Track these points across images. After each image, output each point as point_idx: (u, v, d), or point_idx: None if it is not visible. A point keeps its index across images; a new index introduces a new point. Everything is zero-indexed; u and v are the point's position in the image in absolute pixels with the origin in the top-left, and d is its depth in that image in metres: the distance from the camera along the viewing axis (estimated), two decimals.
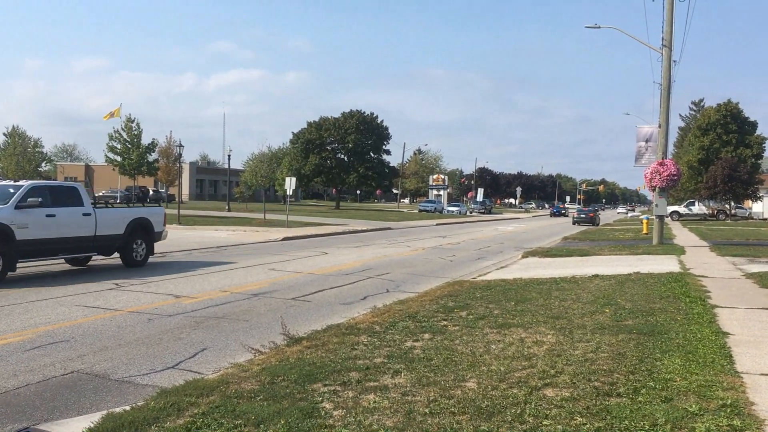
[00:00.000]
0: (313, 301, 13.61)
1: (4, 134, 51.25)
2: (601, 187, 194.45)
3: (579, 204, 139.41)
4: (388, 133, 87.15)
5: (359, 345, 8.74)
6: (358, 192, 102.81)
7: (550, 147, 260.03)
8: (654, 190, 28.10)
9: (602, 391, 6.59)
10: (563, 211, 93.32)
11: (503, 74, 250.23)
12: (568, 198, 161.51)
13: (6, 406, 6.63)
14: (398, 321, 10.44)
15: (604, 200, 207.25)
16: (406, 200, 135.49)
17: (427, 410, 6.03)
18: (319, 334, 9.53)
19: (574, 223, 59.56)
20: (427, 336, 9.34)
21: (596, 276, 16.52)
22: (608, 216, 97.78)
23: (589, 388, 6.68)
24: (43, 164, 62.27)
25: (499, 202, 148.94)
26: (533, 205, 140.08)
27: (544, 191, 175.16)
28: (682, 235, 38.08)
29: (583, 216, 61.65)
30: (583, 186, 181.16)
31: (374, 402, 6.30)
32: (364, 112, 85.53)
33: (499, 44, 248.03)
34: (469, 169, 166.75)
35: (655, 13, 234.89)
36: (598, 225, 58.72)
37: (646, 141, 30.68)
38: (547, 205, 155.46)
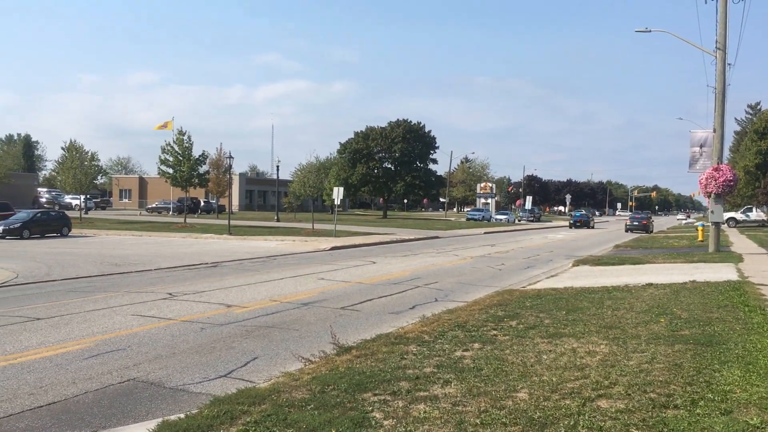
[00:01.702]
0: (362, 310, 13.64)
1: (62, 148, 52.82)
2: (653, 194, 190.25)
3: (630, 211, 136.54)
4: (435, 142, 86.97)
5: (408, 354, 8.72)
6: (405, 201, 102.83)
7: (599, 153, 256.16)
8: (709, 197, 27.35)
9: (658, 402, 6.43)
10: (586, 220, 72.36)
11: (548, 80, 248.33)
12: (619, 205, 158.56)
13: (66, 413, 6.83)
14: (447, 330, 10.39)
15: (656, 207, 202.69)
16: (454, 209, 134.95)
17: (478, 421, 5.97)
18: (369, 343, 9.54)
19: (626, 231, 58.32)
20: (476, 346, 9.27)
21: (650, 285, 16.14)
22: (663, 223, 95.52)
23: (645, 400, 6.52)
24: (99, 177, 64.05)
25: (548, 209, 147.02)
26: (584, 213, 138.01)
27: (594, 198, 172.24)
28: (739, 242, 36.93)
29: (636, 223, 60.20)
30: (635, 192, 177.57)
31: (424, 412, 6.27)
32: (411, 121, 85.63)
33: (544, 50, 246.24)
34: (516, 176, 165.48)
35: (707, 15, 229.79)
36: (651, 232, 57.42)
37: (701, 146, 29.91)
38: (597, 213, 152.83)
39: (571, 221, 72.91)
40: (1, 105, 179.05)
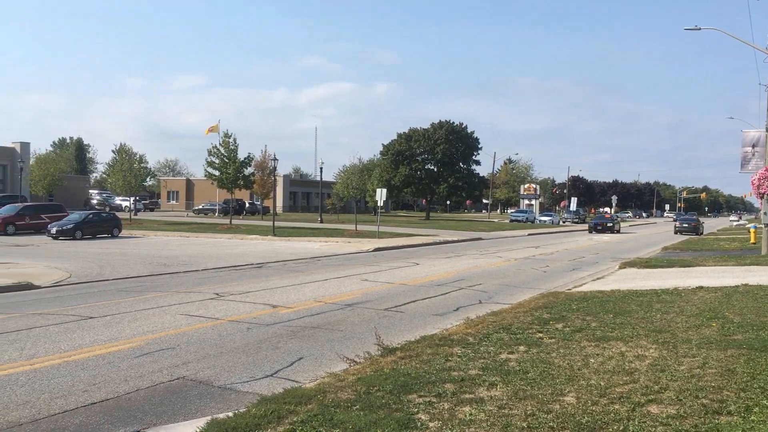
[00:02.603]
0: (406, 311, 13.65)
1: (113, 151, 54.15)
2: (702, 195, 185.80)
3: (678, 212, 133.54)
4: (478, 143, 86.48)
5: (453, 356, 8.70)
6: (448, 202, 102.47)
7: (645, 154, 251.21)
8: (762, 197, 26.60)
9: (711, 408, 6.29)
10: (609, 223, 59.18)
11: (593, 80, 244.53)
12: (667, 206, 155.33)
13: (119, 409, 7.00)
14: (492, 333, 10.33)
15: (706, 208, 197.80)
16: (497, 210, 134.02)
17: (524, 424, 5.93)
18: (413, 344, 9.55)
19: (676, 232, 57.12)
20: (522, 348, 9.19)
21: (700, 288, 15.78)
22: (713, 225, 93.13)
23: (697, 406, 6.38)
24: (148, 179, 65.46)
25: (593, 211, 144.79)
26: (630, 214, 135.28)
27: (641, 199, 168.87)
28: None
29: (686, 225, 58.90)
30: (684, 193, 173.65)
31: (470, 414, 6.25)
32: (454, 123, 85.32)
33: (589, 50, 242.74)
34: (561, 177, 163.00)
35: (760, 12, 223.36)
36: (701, 234, 56.13)
37: (753, 146, 29.13)
38: (644, 214, 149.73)
39: (591, 224, 59.76)
40: (54, 109, 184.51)
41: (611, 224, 59.29)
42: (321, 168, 63.40)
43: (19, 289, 16.24)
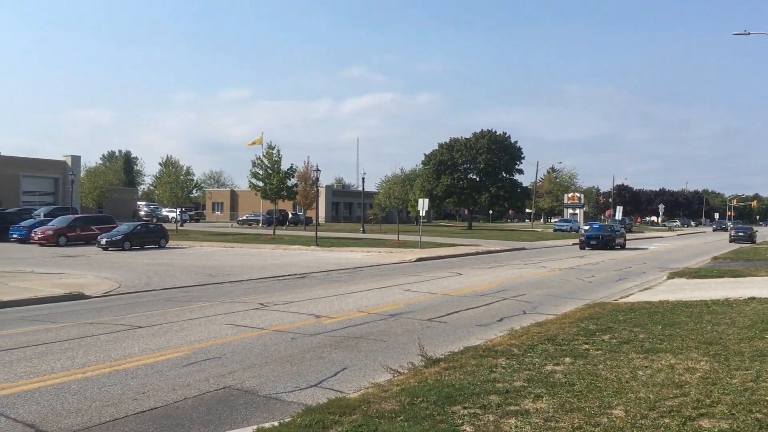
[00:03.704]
0: (449, 322, 13.59)
1: (160, 163, 55.33)
2: (753, 203, 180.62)
3: (721, 220, 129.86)
4: (521, 152, 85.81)
5: (498, 368, 8.63)
6: (491, 212, 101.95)
7: (694, 162, 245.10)
8: None
9: (765, 423, 6.11)
10: (607, 235, 43.34)
11: (640, 87, 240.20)
12: (716, 215, 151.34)
13: (167, 418, 7.13)
14: (537, 344, 10.22)
15: (758, 216, 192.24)
16: (540, 220, 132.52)
17: None
18: (457, 355, 9.51)
19: (731, 241, 55.98)
20: (568, 360, 9.07)
21: (753, 299, 15.34)
22: (765, 233, 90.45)
23: (751, 420, 6.20)
24: (194, 191, 66.63)
25: (639, 220, 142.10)
26: (677, 223, 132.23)
27: (689, 208, 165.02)
28: None
29: (742, 234, 57.83)
30: (734, 202, 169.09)
31: (516, 427, 6.19)
32: (496, 132, 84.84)
33: (636, 56, 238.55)
34: (606, 186, 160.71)
35: None
36: (755, 242, 55.15)
37: None
38: (693, 223, 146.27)
39: (582, 237, 43.15)
40: (105, 123, 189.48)
41: (610, 236, 42.44)
42: (363, 178, 63.83)
43: (71, 299, 16.68)
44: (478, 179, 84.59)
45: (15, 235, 39.72)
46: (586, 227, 48.89)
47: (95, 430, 6.69)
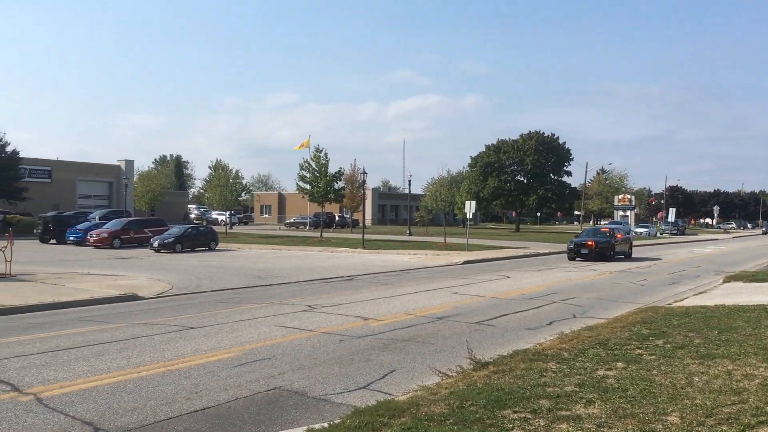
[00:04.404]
0: (497, 325, 13.48)
1: (209, 167, 56.39)
2: None
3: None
4: (569, 154, 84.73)
5: (548, 372, 8.52)
6: (538, 214, 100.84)
7: (751, 162, 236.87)
8: None
9: None
10: (604, 243, 33.27)
11: (693, 85, 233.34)
12: None
13: (219, 417, 7.24)
14: (588, 348, 10.06)
15: None
16: (590, 222, 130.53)
17: None
18: (506, 359, 9.43)
19: None
20: (620, 365, 8.90)
21: None
22: None
23: None
24: (243, 194, 67.68)
25: (693, 222, 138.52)
26: (733, 225, 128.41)
27: (745, 210, 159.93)
28: None
29: None
30: None
31: None
32: (543, 133, 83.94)
33: (688, 53, 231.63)
34: (658, 187, 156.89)
35: None
36: None
37: None
38: (749, 225, 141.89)
39: (571, 244, 33.57)
40: (156, 128, 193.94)
41: (607, 243, 32.87)
42: (409, 181, 63.85)
43: (125, 300, 17.10)
44: (525, 181, 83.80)
45: (72, 238, 40.94)
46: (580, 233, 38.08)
47: (150, 429, 6.84)
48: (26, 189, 55.87)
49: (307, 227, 73.82)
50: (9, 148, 55.80)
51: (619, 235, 35.48)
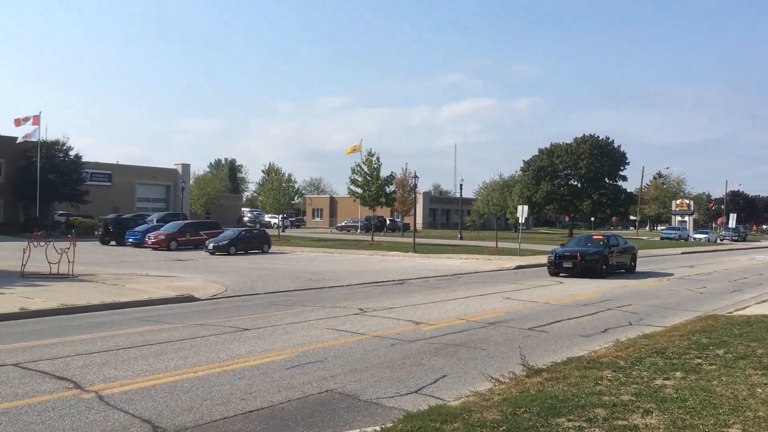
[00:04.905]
0: (550, 331, 13.30)
1: (263, 171, 57.45)
2: None
3: None
4: (625, 157, 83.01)
5: (603, 380, 8.37)
6: (592, 219, 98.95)
7: None
8: None
9: None
10: (593, 255, 26.05)
11: (757, 87, 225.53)
12: None
13: (272, 419, 7.34)
14: (644, 357, 9.84)
15: None
16: (646, 227, 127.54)
17: None
18: (560, 366, 9.30)
19: None
20: (678, 374, 8.68)
21: None
22: None
23: None
24: (295, 197, 68.49)
25: (755, 228, 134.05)
26: None
27: None
28: None
29: None
30: None
31: None
32: (598, 136, 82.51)
33: (748, 55, 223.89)
34: (717, 192, 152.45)
35: None
36: None
37: None
38: None
39: (552, 257, 26.92)
40: (212, 133, 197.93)
41: (597, 256, 26.00)
42: (461, 185, 63.39)
43: (182, 301, 17.50)
44: (579, 185, 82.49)
45: (131, 240, 42.12)
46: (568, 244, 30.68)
47: (206, 428, 6.97)
48: (88, 192, 57.64)
49: (359, 231, 74.19)
50: (72, 153, 57.68)
51: (614, 246, 28.06)
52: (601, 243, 27.71)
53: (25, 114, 52.25)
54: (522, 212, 41.30)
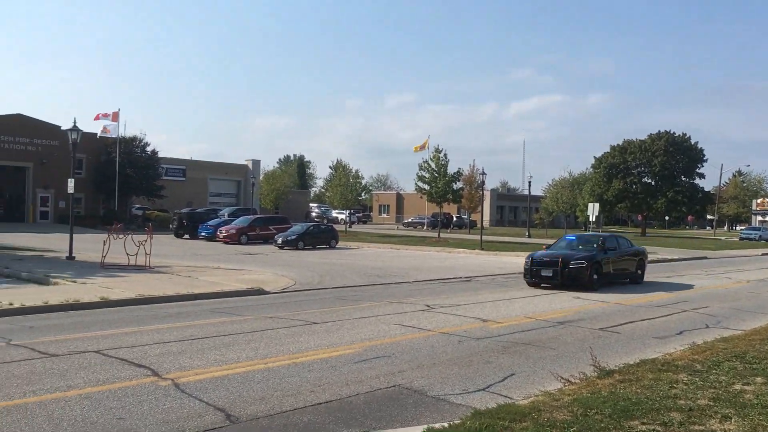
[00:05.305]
0: (623, 332, 12.99)
1: (330, 167, 58.10)
2: None
3: None
4: (702, 154, 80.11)
5: (678, 383, 8.12)
6: (667, 218, 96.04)
7: None
8: None
9: None
10: (577, 262, 20.34)
11: None
12: None
13: (341, 411, 7.44)
14: (723, 360, 9.50)
15: None
16: (724, 227, 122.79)
17: None
18: (632, 368, 9.08)
19: None
20: (759, 380, 8.34)
21: None
22: None
23: None
24: (362, 193, 69.08)
25: None
26: None
27: None
28: None
29: None
30: None
31: None
32: (674, 133, 79.89)
33: None
34: None
35: None
36: None
37: None
38: None
39: (528, 264, 21.33)
40: (282, 129, 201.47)
41: (586, 263, 20.50)
42: (529, 182, 62.61)
43: (252, 294, 17.89)
44: (653, 183, 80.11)
45: (203, 233, 43.29)
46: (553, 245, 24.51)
47: (277, 418, 7.12)
48: (163, 187, 59.57)
49: (425, 227, 74.17)
50: (149, 149, 59.71)
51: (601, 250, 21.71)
52: (595, 245, 22.28)
53: (105, 111, 54.52)
54: (593, 210, 40.55)
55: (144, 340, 11.11)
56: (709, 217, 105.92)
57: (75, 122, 26.15)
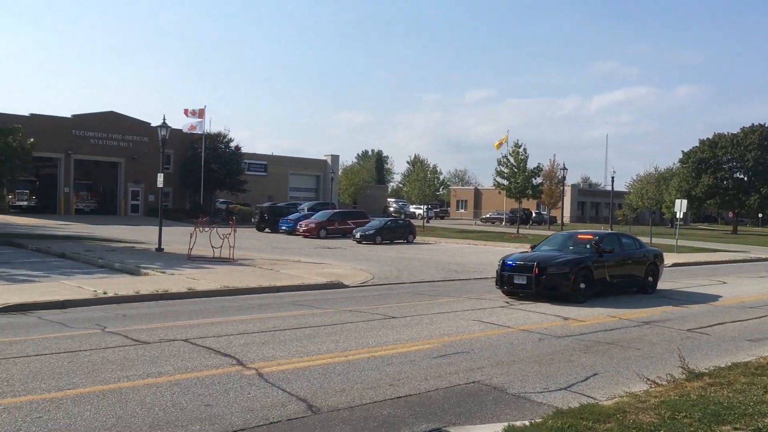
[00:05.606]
0: (712, 334, 12.48)
1: (408, 162, 58.26)
2: None
3: None
4: None
5: None
6: (760, 215, 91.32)
7: None
8: None
9: None
10: (562, 272, 16.14)
11: None
12: None
13: (420, 405, 7.46)
14: None
15: None
16: None
17: None
18: (723, 371, 8.73)
19: None
20: None
21: None
22: None
23: None
24: (440, 189, 68.90)
25: None
26: None
27: None
28: None
29: None
30: None
31: None
32: None
33: None
34: None
35: None
36: None
37: None
38: None
39: (500, 269, 17.25)
40: (361, 124, 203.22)
41: (569, 268, 16.26)
42: (612, 177, 60.66)
43: (332, 287, 18.16)
44: (746, 179, 76.43)
45: (284, 227, 44.16)
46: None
47: (357, 411, 7.22)
48: (246, 181, 61.12)
49: (503, 223, 73.30)
50: (232, 144, 61.38)
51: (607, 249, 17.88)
52: (587, 247, 18.10)
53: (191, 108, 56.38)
54: (680, 207, 39.00)
55: (229, 330, 11.46)
56: None
57: (164, 119, 27.19)
